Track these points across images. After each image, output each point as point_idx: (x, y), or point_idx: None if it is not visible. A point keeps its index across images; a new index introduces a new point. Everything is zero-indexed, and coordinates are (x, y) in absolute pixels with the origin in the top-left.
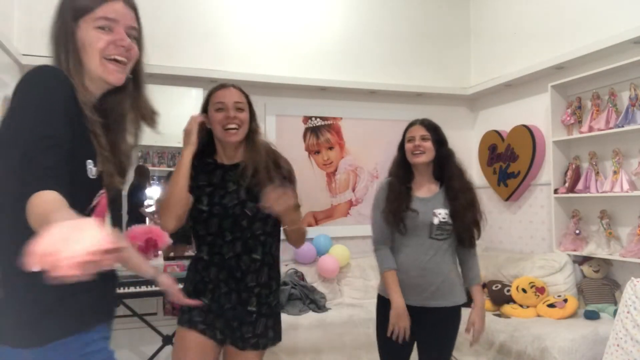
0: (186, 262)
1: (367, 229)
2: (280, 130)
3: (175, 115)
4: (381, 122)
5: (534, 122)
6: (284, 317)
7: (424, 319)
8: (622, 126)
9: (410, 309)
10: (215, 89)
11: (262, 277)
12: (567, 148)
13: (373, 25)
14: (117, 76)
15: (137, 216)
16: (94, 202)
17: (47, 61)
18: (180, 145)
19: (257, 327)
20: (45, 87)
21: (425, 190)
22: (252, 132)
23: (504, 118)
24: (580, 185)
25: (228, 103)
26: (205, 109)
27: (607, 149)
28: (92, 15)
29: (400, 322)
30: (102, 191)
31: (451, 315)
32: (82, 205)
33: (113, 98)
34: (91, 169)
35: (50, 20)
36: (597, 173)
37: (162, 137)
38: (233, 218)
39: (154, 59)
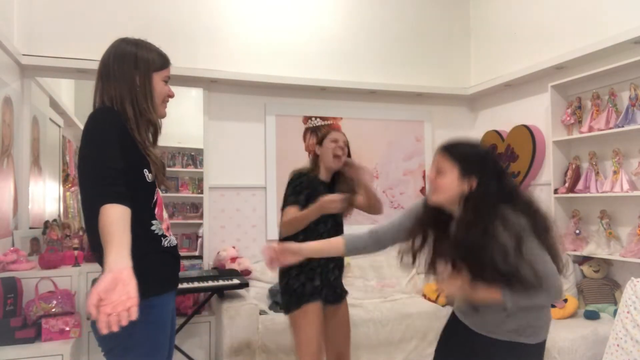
0: (185, 262)
1: (367, 229)
2: (280, 130)
3: (175, 115)
4: (381, 122)
5: (534, 122)
6: (284, 317)
7: (476, 347)
8: (622, 126)
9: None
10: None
11: None
12: (567, 148)
13: (373, 25)
14: (165, 112)
15: None
16: (155, 198)
17: (46, 61)
18: (180, 145)
19: (342, 283)
20: (99, 127)
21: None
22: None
23: (504, 118)
24: (580, 185)
25: (340, 140)
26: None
27: (607, 149)
28: (163, 72)
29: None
30: (157, 189)
31: (527, 354)
32: (147, 200)
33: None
34: (148, 175)
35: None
36: (597, 173)
37: (161, 137)
38: (332, 216)
39: None
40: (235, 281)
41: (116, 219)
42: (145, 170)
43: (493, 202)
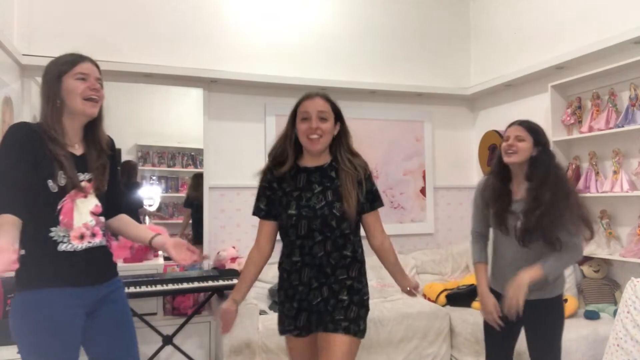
0: None
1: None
2: (280, 131)
3: (175, 115)
4: (381, 122)
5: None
6: None
7: (527, 312)
8: (622, 126)
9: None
10: (302, 98)
11: (354, 271)
12: (567, 148)
13: (373, 25)
14: (93, 110)
15: (136, 218)
16: (59, 206)
17: (47, 61)
18: (180, 145)
19: (349, 312)
20: (4, 144)
21: (518, 191)
22: (338, 137)
23: (504, 118)
24: (580, 185)
25: (312, 112)
26: (293, 118)
27: (607, 149)
28: (71, 72)
29: (486, 311)
30: (64, 198)
31: (551, 305)
32: (51, 208)
33: (91, 126)
34: (52, 186)
35: (50, 23)
36: (597, 173)
37: (162, 137)
38: (322, 219)
39: (155, 59)
40: (235, 281)
41: None
42: (49, 181)
43: (555, 165)
